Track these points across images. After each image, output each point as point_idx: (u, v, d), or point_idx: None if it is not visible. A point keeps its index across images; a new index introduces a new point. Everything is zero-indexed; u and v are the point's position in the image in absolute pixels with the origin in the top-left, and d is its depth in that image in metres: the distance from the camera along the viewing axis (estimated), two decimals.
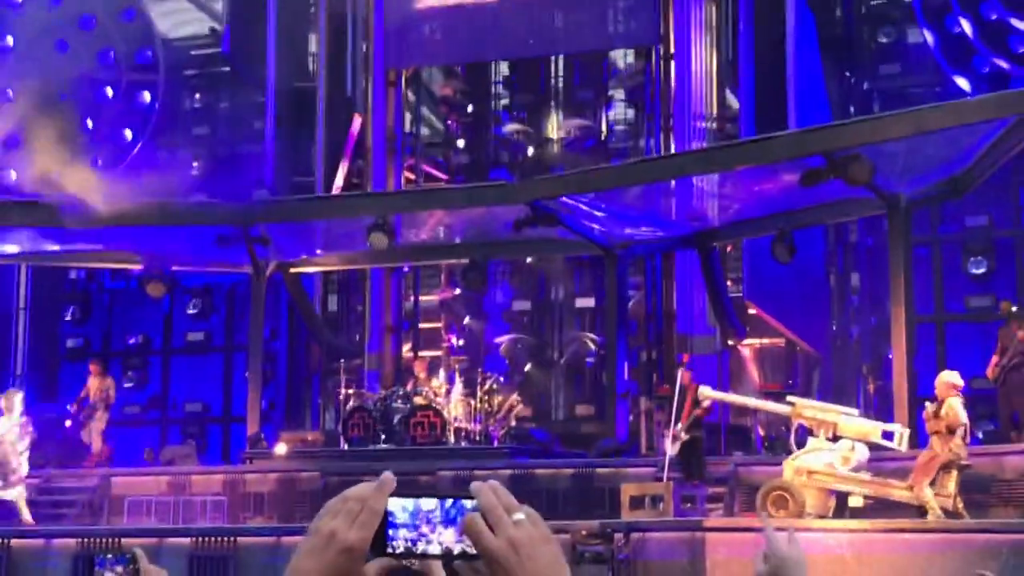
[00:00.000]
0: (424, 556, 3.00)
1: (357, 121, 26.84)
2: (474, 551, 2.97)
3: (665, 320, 24.89)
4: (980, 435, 22.22)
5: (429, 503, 2.98)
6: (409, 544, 2.97)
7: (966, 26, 23.14)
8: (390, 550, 2.97)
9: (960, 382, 16.52)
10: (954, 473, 16.47)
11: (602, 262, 23.11)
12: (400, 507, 2.98)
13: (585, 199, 20.83)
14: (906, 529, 15.48)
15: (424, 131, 28.64)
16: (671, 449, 17.63)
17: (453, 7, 26.33)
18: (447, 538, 2.99)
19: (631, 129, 27.00)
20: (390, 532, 2.97)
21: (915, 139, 18.06)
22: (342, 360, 23.71)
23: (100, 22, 27.90)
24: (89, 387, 22.96)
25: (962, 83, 22.94)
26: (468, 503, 2.98)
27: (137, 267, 24.10)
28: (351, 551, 2.97)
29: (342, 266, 25.55)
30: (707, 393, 17.85)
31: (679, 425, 17.64)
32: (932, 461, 16.07)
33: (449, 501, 2.98)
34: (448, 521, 2.99)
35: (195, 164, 28.81)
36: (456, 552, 2.99)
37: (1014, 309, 20.19)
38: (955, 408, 16.19)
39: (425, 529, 2.98)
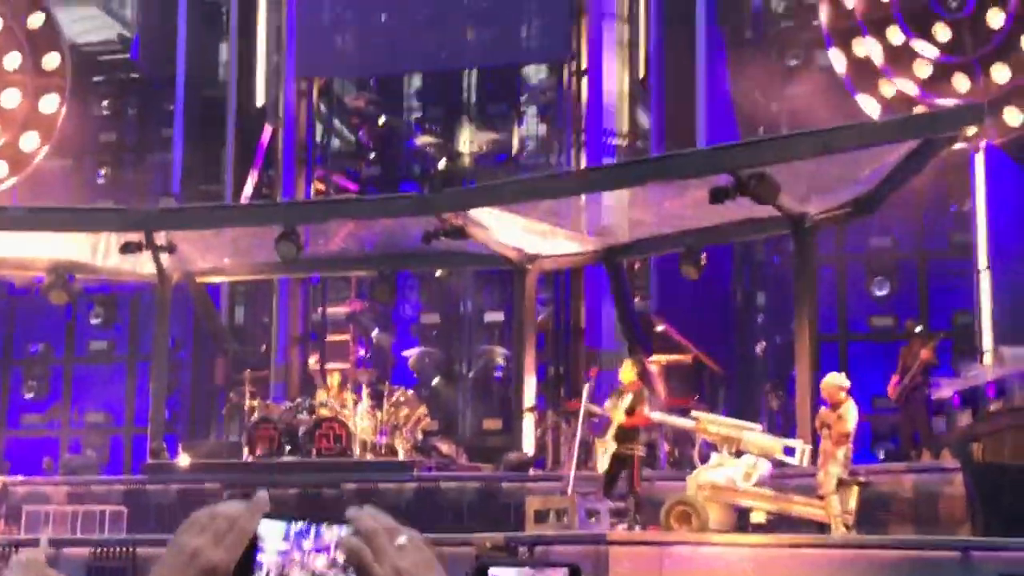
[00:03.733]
0: None
1: (267, 130, 26.67)
2: None
3: (573, 335, 24.95)
4: (881, 455, 22.52)
5: (302, 526, 2.78)
6: (278, 570, 2.76)
7: (873, 49, 23.47)
8: (256, 575, 2.80)
9: (847, 383, 16.72)
10: (855, 490, 16.65)
11: (511, 276, 23.10)
12: (271, 529, 2.78)
13: (496, 212, 20.82)
14: (808, 545, 15.60)
15: (335, 142, 28.52)
16: (601, 464, 17.50)
17: (366, 19, 26.26)
18: (319, 564, 2.78)
19: (543, 144, 27.09)
20: (258, 556, 2.81)
21: (821, 159, 18.29)
22: (247, 371, 23.50)
23: (7, 26, 27.45)
24: None
25: (868, 105, 23.25)
26: (344, 529, 2.78)
27: (40, 274, 23.70)
28: (214, 572, 2.76)
29: (249, 276, 25.31)
30: (654, 415, 17.80)
31: (606, 436, 17.52)
32: (832, 469, 16.22)
33: (325, 525, 2.78)
34: (321, 548, 2.78)
35: (102, 171, 28.45)
36: None
37: (918, 329, 20.49)
38: (852, 413, 16.37)
39: (296, 555, 2.77)
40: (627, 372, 17.86)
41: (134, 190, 26.70)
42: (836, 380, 16.77)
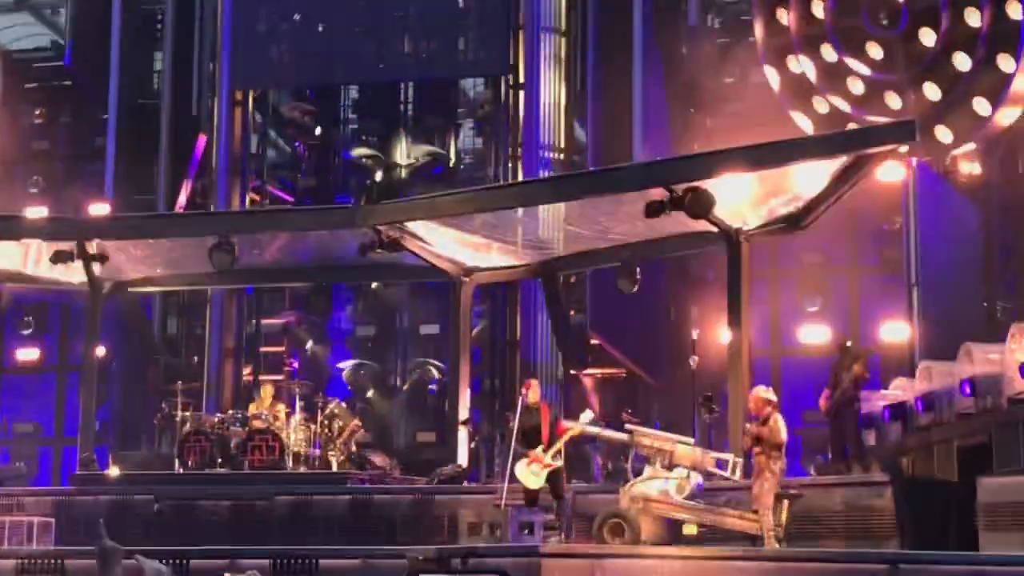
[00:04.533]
0: None
1: (202, 140, 26.55)
2: None
3: (509, 348, 25.00)
4: (812, 469, 22.69)
5: None
6: None
7: (807, 67, 23.74)
8: None
9: (774, 396, 16.86)
10: (785, 504, 16.79)
11: (447, 289, 23.10)
12: None
13: (432, 225, 20.82)
14: (740, 557, 15.67)
15: (271, 153, 28.41)
16: (537, 478, 17.47)
17: (302, 30, 26.21)
18: None
19: (479, 157, 27.15)
20: None
21: (755, 175, 18.44)
22: (179, 382, 23.35)
23: None
24: None
25: (802, 122, 23.50)
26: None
27: None
28: None
29: (183, 287, 25.14)
30: (577, 427, 17.79)
31: (539, 451, 17.50)
32: (766, 482, 16.34)
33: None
34: None
35: (34, 179, 28.16)
36: None
37: (849, 344, 20.69)
38: (781, 425, 16.50)
39: None
40: (534, 392, 17.88)
41: (67, 199, 26.45)
42: (763, 393, 16.90)
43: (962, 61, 22.49)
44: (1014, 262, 23.68)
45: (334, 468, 21.13)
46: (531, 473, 17.29)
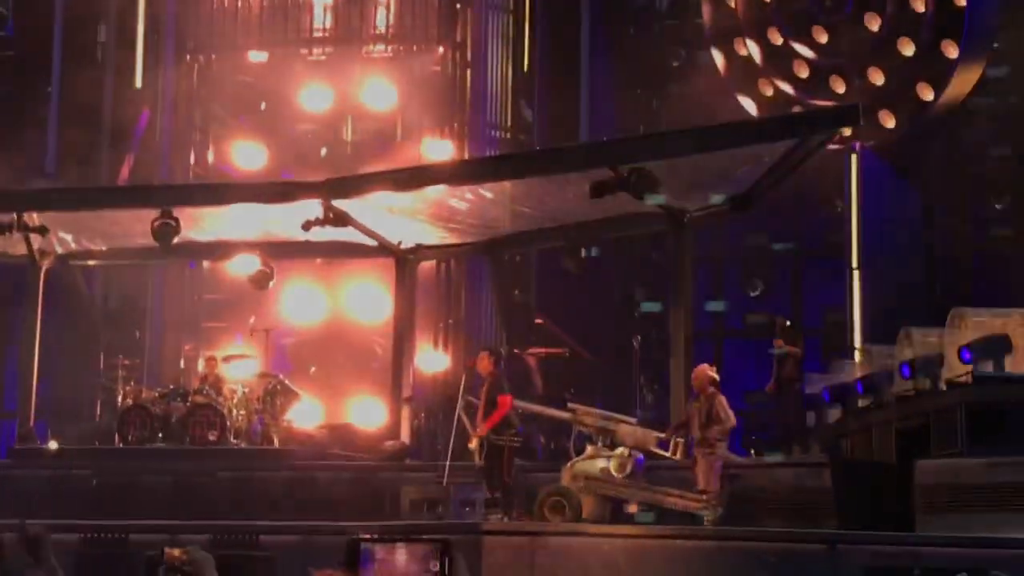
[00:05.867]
0: None
1: (145, 113, 26.31)
2: None
3: (454, 326, 24.97)
4: (752, 450, 22.85)
5: None
6: None
7: (753, 49, 23.82)
8: None
9: (716, 375, 17.00)
10: (727, 484, 16.92)
11: (393, 267, 23.01)
12: None
13: (376, 201, 20.74)
14: (680, 536, 15.77)
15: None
16: (476, 458, 17.45)
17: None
18: None
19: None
20: None
21: (700, 157, 18.51)
22: (120, 357, 23.18)
23: None
24: None
25: (747, 105, 23.59)
26: None
27: None
28: None
29: (125, 261, 24.90)
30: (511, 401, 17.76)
31: (476, 427, 17.45)
32: (714, 463, 16.45)
33: None
34: None
35: None
36: None
37: (788, 324, 20.84)
38: (726, 407, 16.62)
39: None
40: (483, 362, 17.81)
41: (7, 170, 26.09)
42: (710, 371, 17.02)
43: (907, 46, 22.64)
44: (954, 246, 23.89)
45: (276, 444, 21.04)
46: (473, 448, 17.36)
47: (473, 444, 17.36)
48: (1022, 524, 15.17)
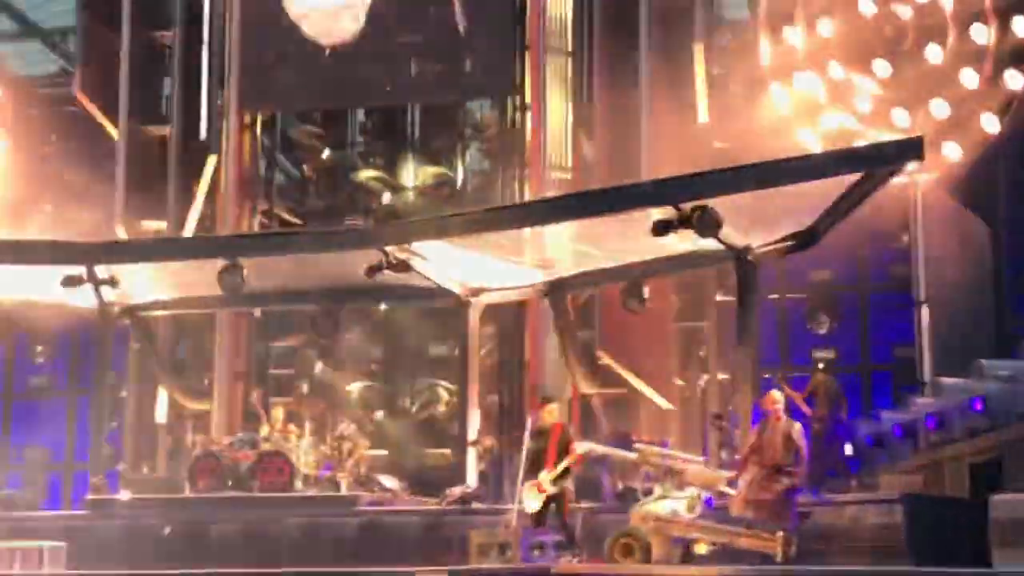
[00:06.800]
0: None
1: (211, 164, 26.63)
2: None
3: (518, 369, 24.96)
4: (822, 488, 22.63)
5: None
6: None
7: (814, 84, 23.74)
8: None
9: (782, 399, 16.94)
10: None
11: (456, 310, 23.10)
12: None
13: (440, 246, 20.85)
14: None
15: (279, 176, 28.46)
16: (535, 502, 17.45)
17: (310, 53, 26.29)
18: None
19: (487, 178, 27.15)
20: None
21: (763, 193, 18.42)
22: (190, 406, 23.41)
23: None
24: None
25: (809, 140, 23.48)
26: None
27: None
28: None
29: (192, 310, 25.19)
30: (584, 450, 17.80)
31: (543, 475, 17.48)
32: (784, 493, 16.28)
33: None
34: None
35: (46, 206, 28.18)
36: None
37: (821, 365, 20.93)
38: (801, 435, 16.46)
39: None
40: (551, 414, 17.91)
41: (76, 224, 26.48)
42: (778, 396, 16.94)
43: (969, 78, 22.50)
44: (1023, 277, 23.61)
45: (344, 490, 21.12)
46: (531, 496, 17.35)
47: (541, 489, 17.32)
48: None
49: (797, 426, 16.65)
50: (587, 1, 25.63)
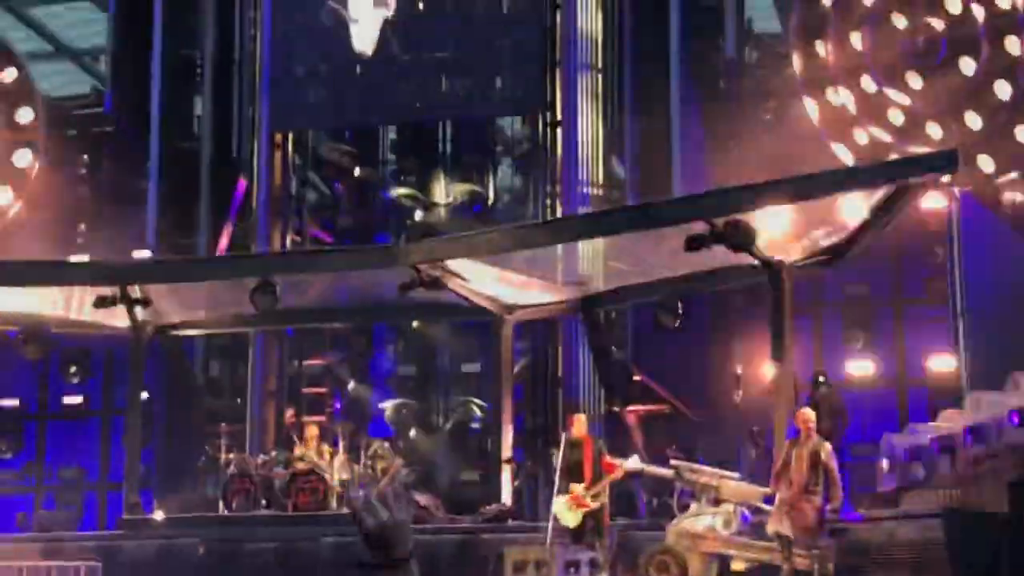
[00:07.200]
0: None
1: (242, 183, 26.76)
2: None
3: (551, 385, 24.96)
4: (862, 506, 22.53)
5: None
6: None
7: (847, 98, 23.71)
8: None
9: (813, 416, 16.79)
10: (834, 540, 16.69)
11: (488, 327, 23.12)
12: None
13: (471, 263, 20.88)
14: None
15: (310, 194, 28.58)
16: (570, 519, 17.45)
17: (340, 71, 26.42)
18: None
19: (518, 195, 27.21)
20: None
21: (796, 207, 18.41)
22: (223, 424, 23.47)
23: None
24: None
25: (843, 153, 23.45)
26: None
27: (13, 329, 23.64)
28: None
29: (225, 329, 25.28)
30: (626, 466, 17.80)
31: (580, 489, 17.47)
32: (817, 512, 16.17)
33: None
34: None
35: (78, 226, 28.36)
36: None
37: (822, 379, 20.86)
38: (831, 456, 16.30)
39: None
40: (580, 426, 17.93)
41: (109, 244, 26.63)
42: (812, 415, 16.82)
43: (1003, 89, 22.42)
44: None
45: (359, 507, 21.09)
46: (569, 511, 17.31)
47: (580, 503, 17.33)
48: None
49: (827, 446, 16.47)
50: (618, 17, 25.68)
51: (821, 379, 21.39)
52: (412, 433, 26.05)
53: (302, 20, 26.69)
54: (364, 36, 26.16)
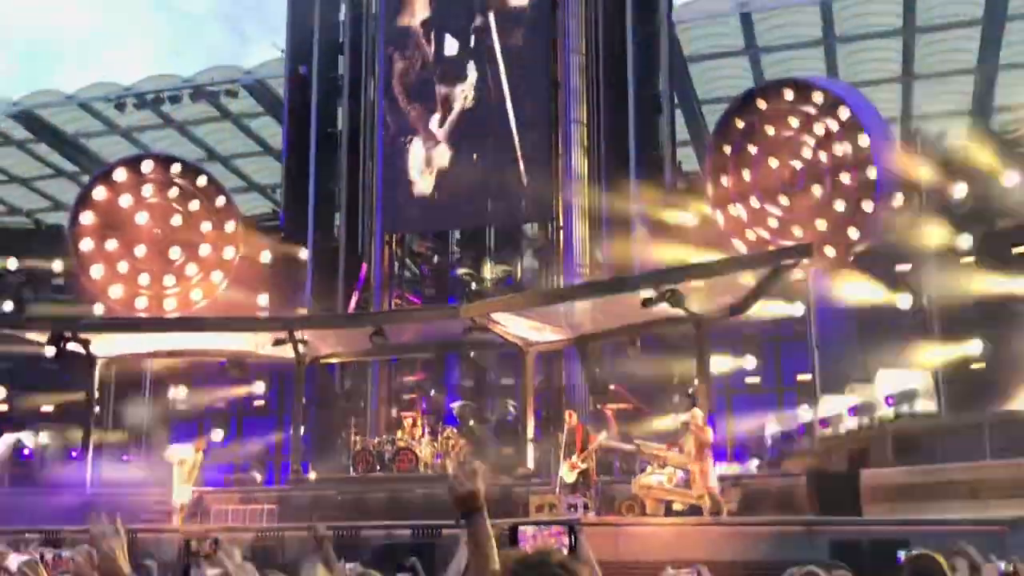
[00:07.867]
0: None
1: (364, 267, 27.04)
2: None
3: (557, 392, 25.00)
4: (754, 466, 22.34)
5: None
6: None
7: (741, 211, 23.85)
8: None
9: (700, 413, 16.79)
10: (738, 489, 16.70)
11: (517, 355, 23.23)
12: None
13: (507, 315, 21.06)
14: (707, 524, 15.63)
15: (407, 273, 28.82)
16: (569, 477, 17.53)
17: (428, 197, 26.76)
18: None
19: (536, 273, 27.34)
20: None
21: (711, 280, 18.55)
22: (352, 418, 23.59)
23: (213, 207, 27.72)
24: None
25: (739, 246, 23.52)
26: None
27: (223, 359, 23.94)
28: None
29: (354, 358, 25.51)
30: (600, 439, 17.90)
31: (575, 458, 17.61)
32: (701, 473, 16.18)
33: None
34: None
35: (264, 296, 28.52)
36: None
37: (691, 391, 20.42)
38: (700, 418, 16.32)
39: None
40: (574, 419, 18.11)
41: (283, 306, 26.94)
42: (696, 412, 16.94)
43: (840, 205, 22.54)
44: (876, 329, 23.45)
45: (449, 471, 21.15)
46: (569, 472, 17.42)
47: (574, 467, 17.41)
48: (930, 511, 14.78)
49: (706, 433, 16.49)
50: (597, 168, 25.82)
51: (690, 390, 20.72)
52: (471, 423, 26.10)
53: (401, 164, 27.00)
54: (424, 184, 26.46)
